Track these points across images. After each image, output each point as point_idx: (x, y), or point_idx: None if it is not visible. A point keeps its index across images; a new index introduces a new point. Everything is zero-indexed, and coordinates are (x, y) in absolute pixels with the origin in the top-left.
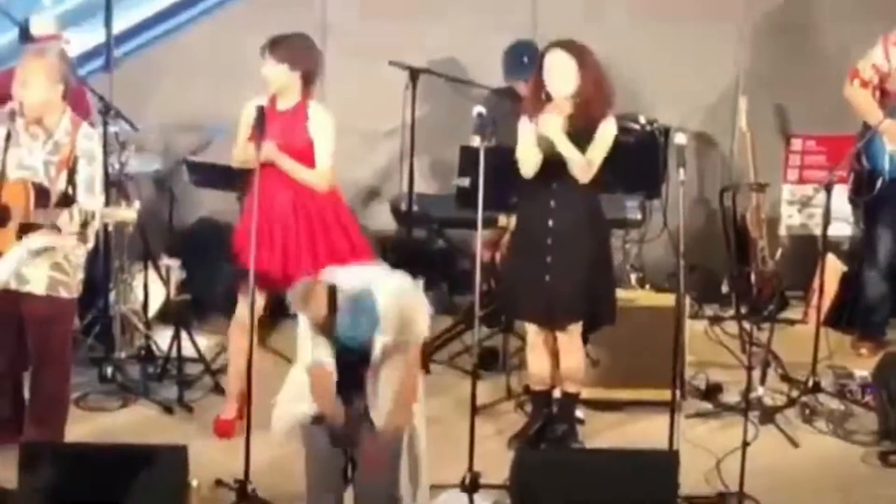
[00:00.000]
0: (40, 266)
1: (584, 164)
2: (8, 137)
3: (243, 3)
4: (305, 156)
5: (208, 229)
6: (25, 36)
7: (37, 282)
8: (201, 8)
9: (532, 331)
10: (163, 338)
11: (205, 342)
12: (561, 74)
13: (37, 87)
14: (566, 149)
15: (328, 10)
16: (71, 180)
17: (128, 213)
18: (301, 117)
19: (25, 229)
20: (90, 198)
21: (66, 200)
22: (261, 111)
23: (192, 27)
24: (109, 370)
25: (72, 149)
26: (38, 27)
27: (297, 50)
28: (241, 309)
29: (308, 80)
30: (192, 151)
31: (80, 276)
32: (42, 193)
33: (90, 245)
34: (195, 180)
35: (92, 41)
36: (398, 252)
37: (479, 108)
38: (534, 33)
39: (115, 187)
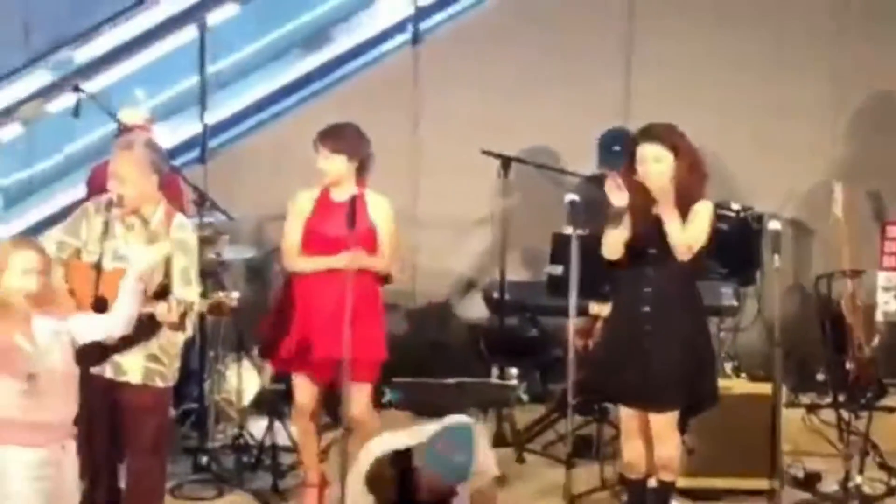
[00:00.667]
0: (136, 356)
1: (684, 241)
2: (105, 229)
3: (334, 94)
4: (366, 242)
5: None
6: (122, 129)
7: (133, 371)
8: (293, 100)
9: (627, 418)
10: (257, 427)
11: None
12: (655, 167)
13: (130, 179)
14: (671, 219)
15: (421, 98)
16: (167, 271)
17: (227, 302)
18: (360, 206)
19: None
20: (187, 288)
21: (163, 291)
22: (353, 202)
23: (284, 118)
24: (204, 459)
25: (166, 238)
26: (128, 118)
27: (351, 140)
28: (299, 395)
29: (363, 169)
30: None
31: (177, 365)
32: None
33: (189, 334)
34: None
35: (186, 133)
36: (491, 340)
37: (571, 196)
38: (626, 120)
39: (211, 277)
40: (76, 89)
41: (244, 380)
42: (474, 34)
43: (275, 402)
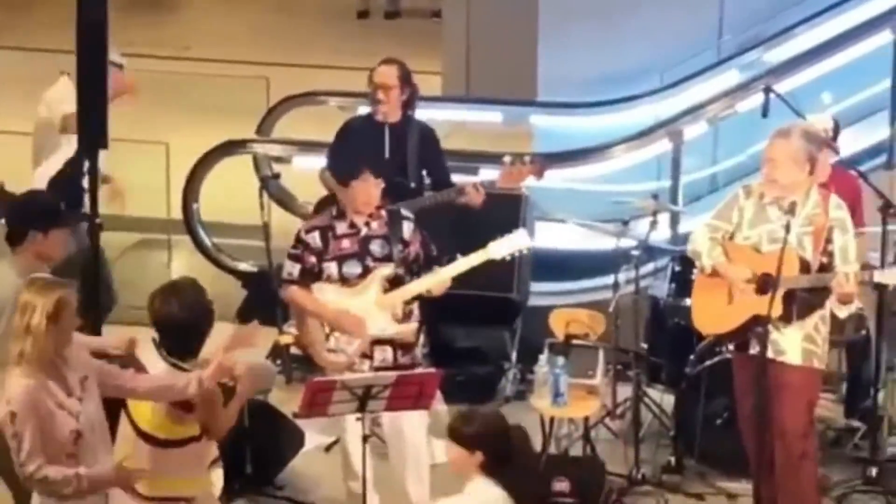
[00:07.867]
0: (793, 335)
1: None
2: (757, 212)
3: None
4: None
5: None
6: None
7: (792, 351)
8: None
9: None
10: None
11: None
12: None
13: (783, 166)
14: None
15: None
16: (825, 249)
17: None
18: None
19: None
20: (846, 265)
21: (822, 270)
22: None
23: None
24: (874, 472)
25: (825, 219)
26: (817, 124)
27: None
28: None
29: None
30: None
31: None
32: (803, 264)
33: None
34: None
35: (873, 139)
36: None
37: None
38: None
39: None
40: (767, 90)
41: None
42: None
43: None
